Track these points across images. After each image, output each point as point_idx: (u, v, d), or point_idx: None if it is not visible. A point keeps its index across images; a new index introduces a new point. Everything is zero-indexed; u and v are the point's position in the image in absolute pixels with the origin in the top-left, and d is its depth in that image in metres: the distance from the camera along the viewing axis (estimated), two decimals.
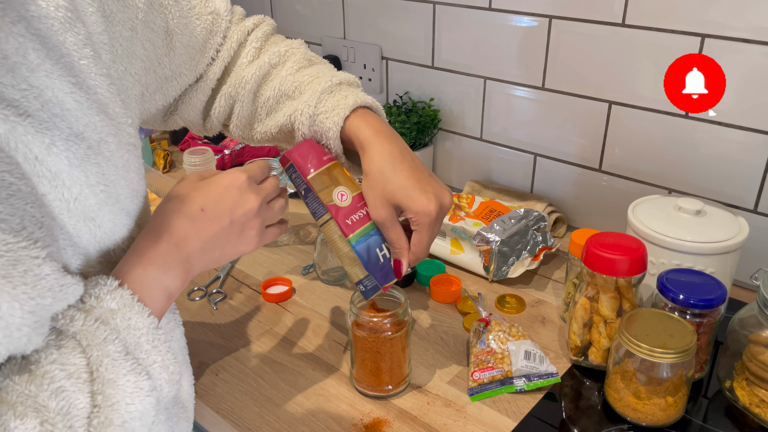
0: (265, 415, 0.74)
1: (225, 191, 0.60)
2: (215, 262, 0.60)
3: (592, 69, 1.02)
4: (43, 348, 0.46)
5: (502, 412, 0.74)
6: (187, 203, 0.59)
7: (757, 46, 0.85)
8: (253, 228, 0.62)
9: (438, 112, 1.24)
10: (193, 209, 0.58)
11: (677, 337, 0.68)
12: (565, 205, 1.14)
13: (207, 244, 0.58)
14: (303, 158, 0.69)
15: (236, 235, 0.61)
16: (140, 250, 0.55)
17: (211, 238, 0.59)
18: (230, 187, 0.61)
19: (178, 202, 0.59)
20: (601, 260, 0.73)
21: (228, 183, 0.61)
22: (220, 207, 0.59)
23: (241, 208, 0.60)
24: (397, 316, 0.73)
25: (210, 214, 0.59)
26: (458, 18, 1.14)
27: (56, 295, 0.45)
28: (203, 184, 0.61)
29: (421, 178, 0.67)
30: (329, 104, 0.71)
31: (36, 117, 0.46)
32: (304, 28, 1.42)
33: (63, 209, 0.49)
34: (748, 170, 0.92)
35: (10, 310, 0.42)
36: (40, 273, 0.44)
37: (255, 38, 0.78)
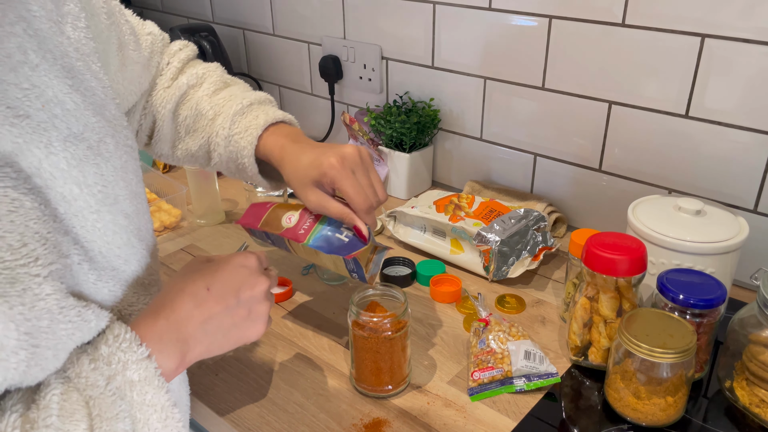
0: (265, 415, 0.74)
1: (234, 271, 0.59)
2: (218, 348, 0.57)
3: (592, 69, 1.02)
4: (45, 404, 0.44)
5: (502, 412, 0.74)
6: (193, 282, 0.57)
7: (757, 47, 0.85)
8: (260, 313, 0.60)
9: (438, 112, 1.24)
10: (198, 288, 0.56)
11: (677, 337, 0.68)
12: (565, 205, 1.14)
13: (210, 325, 0.56)
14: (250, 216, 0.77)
15: (243, 318, 0.58)
16: (137, 323, 0.53)
17: (215, 318, 0.56)
18: (240, 267, 0.59)
19: (184, 281, 0.57)
20: (601, 260, 0.73)
21: (238, 263, 0.60)
22: (227, 286, 0.57)
23: (249, 290, 0.59)
24: (396, 316, 0.73)
25: (215, 293, 0.57)
26: (458, 18, 1.15)
27: (54, 317, 0.44)
28: (212, 264, 0.60)
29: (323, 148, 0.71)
30: (242, 125, 0.75)
31: (34, 118, 0.46)
32: (304, 28, 1.43)
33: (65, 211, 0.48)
34: (748, 170, 0.92)
35: (5, 331, 0.40)
36: (40, 293, 0.43)
37: (177, 59, 0.82)
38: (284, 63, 1.52)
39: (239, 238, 1.12)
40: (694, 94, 0.93)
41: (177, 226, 1.15)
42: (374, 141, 1.24)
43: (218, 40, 1.43)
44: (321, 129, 1.51)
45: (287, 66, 1.52)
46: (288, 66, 1.51)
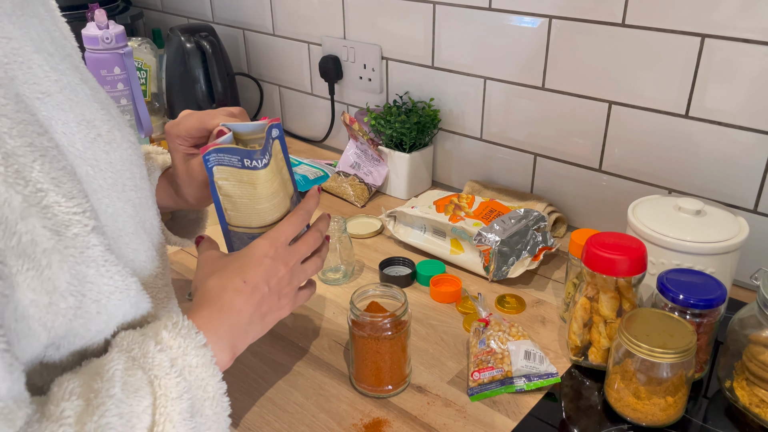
0: (265, 415, 0.74)
1: (259, 262, 0.62)
2: (259, 333, 0.62)
3: (592, 69, 1.02)
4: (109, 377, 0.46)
5: (502, 412, 0.74)
6: (229, 278, 0.60)
7: (757, 47, 0.85)
8: (287, 294, 0.64)
9: (438, 112, 1.24)
10: (237, 284, 0.60)
11: (677, 337, 0.68)
12: (565, 205, 1.14)
13: (254, 315, 0.60)
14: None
15: (275, 302, 0.63)
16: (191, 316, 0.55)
17: (256, 308, 0.60)
18: (263, 257, 0.62)
19: (219, 278, 0.60)
20: (601, 260, 0.73)
21: (261, 254, 0.62)
22: (258, 278, 0.61)
23: (274, 276, 0.62)
24: (397, 316, 0.73)
25: (251, 286, 0.60)
26: (458, 18, 1.14)
27: (99, 268, 0.46)
28: (235, 259, 0.62)
29: None
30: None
31: (55, 97, 0.48)
32: (304, 28, 1.43)
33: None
34: (748, 170, 0.92)
35: (59, 272, 0.43)
36: (88, 242, 0.45)
37: None
38: (284, 63, 1.52)
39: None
40: (694, 94, 0.93)
41: None
42: (374, 141, 1.24)
43: (218, 40, 1.43)
44: (321, 129, 1.51)
45: (287, 66, 1.52)
46: (288, 66, 1.51)
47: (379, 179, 1.25)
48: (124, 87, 1.25)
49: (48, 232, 0.42)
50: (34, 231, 0.41)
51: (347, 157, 1.30)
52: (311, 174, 1.31)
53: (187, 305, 0.71)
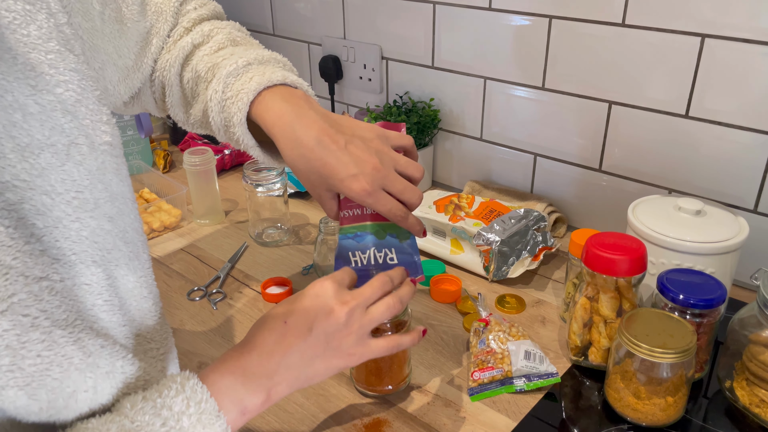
0: (265, 415, 0.74)
1: (310, 302, 0.58)
2: (306, 380, 0.57)
3: (592, 69, 1.02)
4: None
5: (502, 412, 0.74)
6: (273, 317, 0.57)
7: (757, 46, 0.85)
8: (342, 339, 0.57)
9: (438, 112, 1.24)
10: (277, 323, 0.57)
11: (677, 337, 0.68)
12: (565, 205, 1.14)
13: (291, 358, 0.55)
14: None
15: (322, 347, 0.57)
16: (222, 359, 0.54)
17: (295, 352, 0.55)
18: (316, 297, 0.58)
19: (266, 316, 0.58)
20: (601, 260, 0.73)
21: (313, 293, 0.58)
22: (302, 319, 0.57)
23: (324, 319, 0.57)
24: (397, 316, 0.73)
25: (292, 326, 0.56)
26: (458, 18, 1.14)
27: (17, 354, 0.40)
28: (294, 298, 0.59)
29: (338, 144, 0.62)
30: (235, 89, 0.65)
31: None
32: (304, 28, 1.43)
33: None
34: (748, 170, 0.92)
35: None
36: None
37: (188, 20, 0.73)
38: None
39: (239, 238, 1.12)
40: (694, 94, 0.93)
41: (177, 226, 1.15)
42: None
43: None
44: None
45: None
46: None
47: None
48: None
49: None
50: None
51: None
52: None
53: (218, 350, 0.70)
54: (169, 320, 0.91)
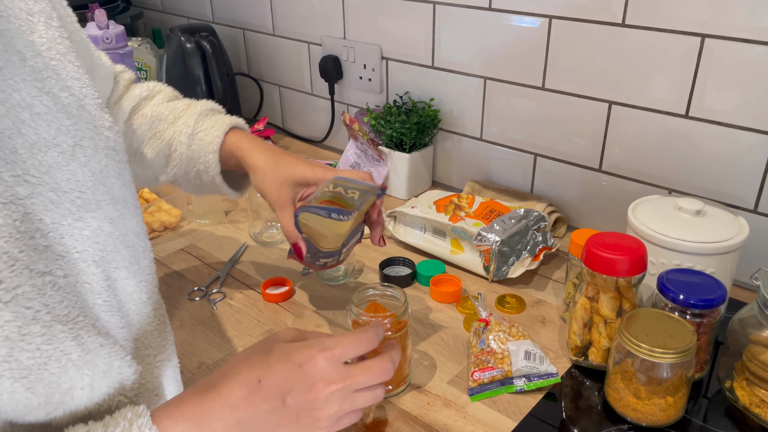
0: None
1: (292, 370, 0.52)
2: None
3: (592, 69, 1.02)
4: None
5: (502, 412, 0.74)
6: (249, 368, 0.52)
7: (757, 46, 0.85)
8: (315, 419, 0.53)
9: (438, 112, 1.24)
10: (251, 377, 0.52)
11: (677, 337, 0.68)
12: (565, 205, 1.14)
13: (255, 420, 0.50)
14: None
15: (291, 420, 0.52)
16: (180, 400, 0.50)
17: (260, 415, 0.51)
18: (298, 367, 0.53)
19: (242, 363, 0.53)
20: (601, 260, 0.73)
21: (299, 361, 0.53)
22: (277, 385, 0.52)
23: (301, 393, 0.52)
24: (397, 316, 0.73)
25: (265, 389, 0.51)
26: (458, 18, 1.14)
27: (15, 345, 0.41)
28: (277, 354, 0.54)
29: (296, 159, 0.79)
30: (208, 123, 0.81)
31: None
32: (304, 28, 1.43)
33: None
34: (748, 170, 0.92)
35: None
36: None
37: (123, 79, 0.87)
38: (284, 63, 1.52)
39: (239, 238, 1.12)
40: (694, 94, 0.93)
41: (177, 225, 1.15)
42: (374, 141, 1.24)
43: (218, 40, 1.43)
44: (321, 129, 1.51)
45: (287, 66, 1.52)
46: (288, 66, 1.51)
47: (380, 179, 1.25)
48: None
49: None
50: None
51: (347, 157, 1.29)
52: None
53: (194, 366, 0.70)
54: (169, 320, 0.91)
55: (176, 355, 0.62)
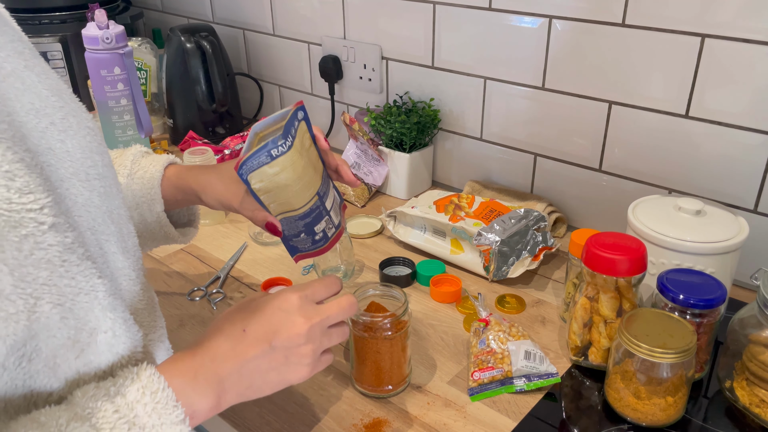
0: (265, 415, 0.74)
1: (272, 313, 0.57)
2: (256, 391, 0.56)
3: (592, 69, 1.02)
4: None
5: (502, 412, 0.74)
6: (231, 323, 0.57)
7: (757, 47, 0.85)
8: (301, 356, 0.57)
9: (438, 112, 1.24)
10: (235, 329, 0.56)
11: (677, 337, 0.68)
12: (565, 205, 1.14)
13: (245, 368, 0.55)
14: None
15: (280, 362, 0.56)
16: (173, 359, 0.53)
17: (250, 361, 0.55)
18: (278, 309, 0.57)
19: (224, 320, 0.57)
20: (601, 260, 0.73)
21: (277, 305, 0.58)
22: (263, 329, 0.56)
23: (285, 332, 0.56)
24: (397, 316, 0.73)
25: (251, 336, 0.56)
26: (458, 18, 1.15)
27: (55, 269, 0.43)
28: (255, 305, 0.58)
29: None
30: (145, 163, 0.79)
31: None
32: (304, 28, 1.43)
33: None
34: (748, 170, 0.92)
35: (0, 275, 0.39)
36: (42, 241, 0.42)
37: None
38: (284, 63, 1.52)
39: (239, 238, 1.12)
40: (694, 94, 0.93)
41: None
42: (374, 141, 1.24)
43: (218, 40, 1.43)
44: (321, 129, 1.51)
45: (287, 66, 1.52)
46: (288, 66, 1.51)
47: (379, 179, 1.25)
48: (124, 87, 1.25)
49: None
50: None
51: (347, 157, 1.29)
52: None
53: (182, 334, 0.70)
54: (169, 320, 0.91)
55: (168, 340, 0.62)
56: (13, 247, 0.40)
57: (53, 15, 1.46)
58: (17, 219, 0.40)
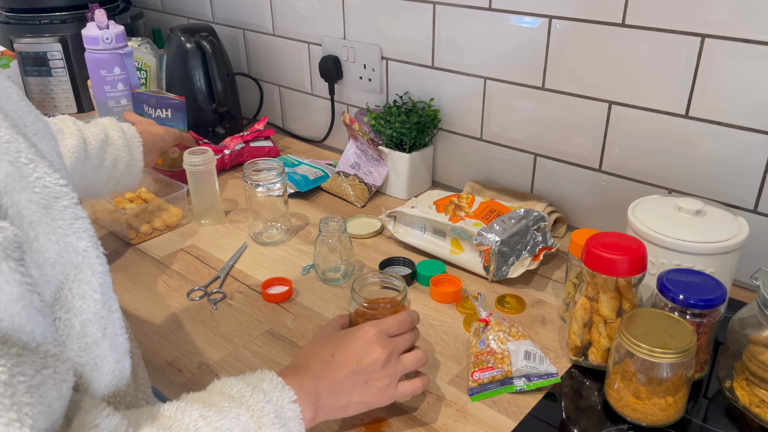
0: None
1: (354, 342, 0.67)
2: (343, 410, 0.65)
3: (592, 69, 1.02)
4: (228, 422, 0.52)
5: (502, 412, 0.74)
6: (322, 348, 0.67)
7: (757, 47, 0.85)
8: (379, 380, 0.66)
9: (438, 112, 1.24)
10: (326, 353, 0.66)
11: (677, 337, 0.68)
12: (565, 205, 1.14)
13: (335, 387, 0.64)
14: None
15: (361, 384, 0.65)
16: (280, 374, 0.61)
17: (339, 382, 0.64)
18: (360, 339, 0.67)
19: (315, 346, 0.68)
20: (601, 260, 0.73)
21: (359, 335, 0.67)
22: (347, 355, 0.66)
23: (366, 358, 0.66)
24: (397, 302, 0.74)
25: (338, 360, 0.65)
26: (458, 18, 1.14)
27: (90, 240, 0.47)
28: (338, 334, 0.69)
29: None
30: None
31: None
32: (304, 28, 1.42)
33: None
34: (748, 170, 0.92)
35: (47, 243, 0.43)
36: (77, 213, 0.46)
37: None
38: (284, 63, 1.52)
39: (239, 238, 1.12)
40: (694, 94, 0.93)
41: (177, 225, 1.15)
42: (374, 141, 1.24)
43: (218, 40, 1.43)
44: (321, 129, 1.51)
45: (287, 66, 1.52)
46: (288, 66, 1.51)
47: (379, 179, 1.25)
48: (124, 87, 1.25)
49: (34, 205, 0.42)
50: (20, 204, 0.41)
51: (347, 157, 1.29)
52: (311, 174, 1.31)
53: None
54: (169, 320, 0.91)
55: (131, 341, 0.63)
56: (59, 216, 0.44)
57: (53, 15, 1.46)
58: (57, 191, 0.44)
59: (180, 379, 0.80)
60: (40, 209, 0.43)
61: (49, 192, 0.43)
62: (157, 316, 0.92)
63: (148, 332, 0.88)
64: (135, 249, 1.09)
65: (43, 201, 0.43)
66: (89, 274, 0.47)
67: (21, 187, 0.41)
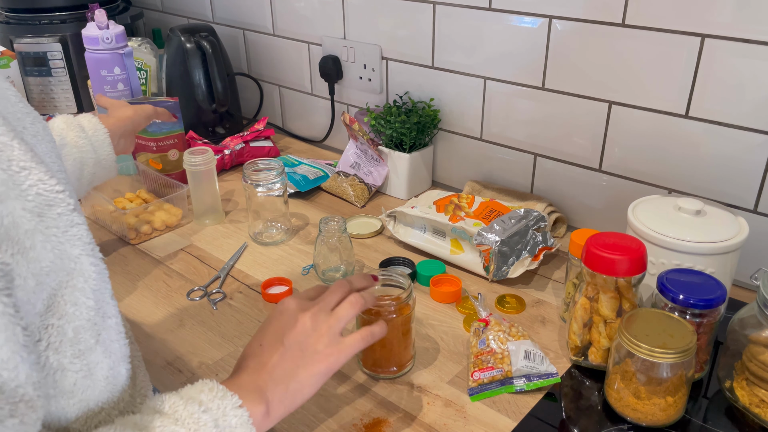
0: None
1: (275, 321, 0.65)
2: (297, 394, 0.61)
3: (592, 69, 1.02)
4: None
5: (502, 412, 0.74)
6: (250, 345, 0.64)
7: (757, 47, 0.85)
8: (316, 343, 0.63)
9: (438, 112, 1.24)
10: (253, 347, 0.63)
11: (677, 337, 0.68)
12: (565, 205, 1.14)
13: (275, 373, 0.60)
14: None
15: (300, 356, 0.62)
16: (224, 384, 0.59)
17: (276, 366, 0.61)
18: (279, 315, 0.65)
19: (246, 348, 0.65)
20: (601, 260, 0.73)
21: (278, 312, 0.65)
22: (273, 336, 0.63)
23: (291, 330, 0.63)
24: (401, 299, 0.74)
25: (267, 346, 0.62)
26: (458, 18, 1.14)
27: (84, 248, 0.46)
28: (263, 322, 0.66)
29: None
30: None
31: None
32: (304, 28, 1.43)
33: None
34: (748, 170, 0.92)
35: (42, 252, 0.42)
36: (72, 221, 0.45)
37: None
38: (284, 63, 1.52)
39: (239, 238, 1.12)
40: (694, 94, 0.93)
41: (178, 225, 1.15)
42: (374, 141, 1.24)
43: (218, 40, 1.43)
44: (321, 129, 1.51)
45: (287, 66, 1.52)
46: (288, 66, 1.51)
47: (379, 179, 1.25)
48: (124, 87, 1.25)
49: (28, 213, 0.42)
50: (15, 213, 0.41)
51: (347, 157, 1.29)
52: (311, 174, 1.31)
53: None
54: (169, 320, 0.91)
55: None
56: (53, 224, 0.43)
57: (53, 15, 1.46)
58: (51, 198, 0.43)
59: (180, 379, 0.80)
60: (34, 217, 0.42)
61: (43, 200, 0.43)
62: (157, 316, 0.92)
63: (148, 332, 0.88)
64: (135, 249, 1.09)
65: (36, 209, 0.42)
66: (81, 280, 0.46)
67: (15, 195, 0.41)
